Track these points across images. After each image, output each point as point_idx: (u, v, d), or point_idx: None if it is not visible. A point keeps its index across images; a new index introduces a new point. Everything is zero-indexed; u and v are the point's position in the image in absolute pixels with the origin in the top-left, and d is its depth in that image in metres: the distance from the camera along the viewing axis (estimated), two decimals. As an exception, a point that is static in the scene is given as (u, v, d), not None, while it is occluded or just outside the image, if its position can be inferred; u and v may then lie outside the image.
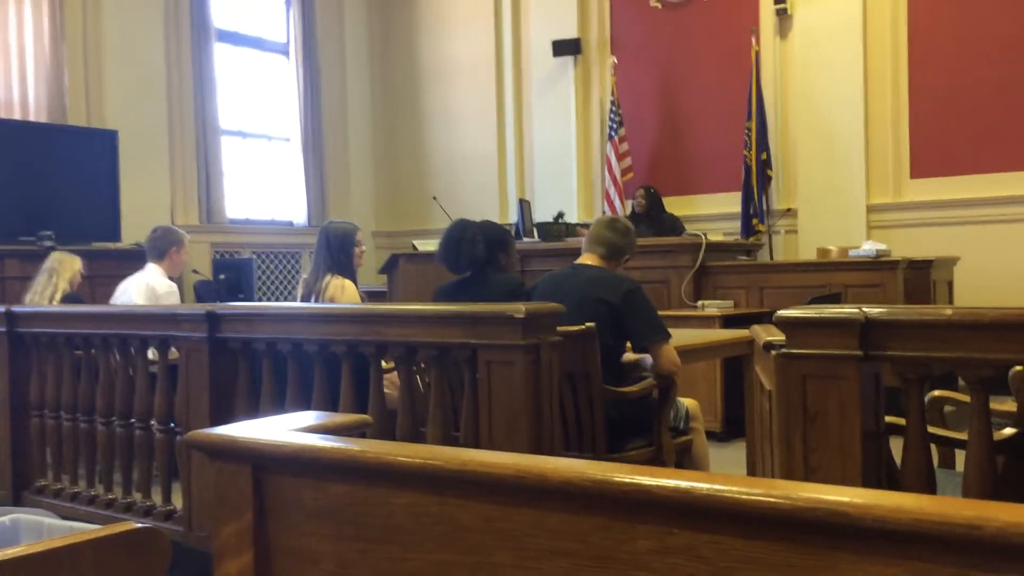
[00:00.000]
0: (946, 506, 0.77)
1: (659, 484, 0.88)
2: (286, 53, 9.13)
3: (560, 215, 7.33)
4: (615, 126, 7.93)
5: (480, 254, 3.58)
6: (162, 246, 4.75)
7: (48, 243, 6.31)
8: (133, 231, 6.79)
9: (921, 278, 5.79)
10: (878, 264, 5.66)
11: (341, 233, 3.96)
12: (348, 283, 3.90)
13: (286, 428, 1.29)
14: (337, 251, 3.91)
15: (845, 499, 0.80)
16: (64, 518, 2.42)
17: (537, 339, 2.47)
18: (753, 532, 0.86)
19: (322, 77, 9.25)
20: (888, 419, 2.08)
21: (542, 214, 7.75)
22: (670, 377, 3.30)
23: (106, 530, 1.86)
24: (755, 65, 7.34)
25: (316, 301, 3.83)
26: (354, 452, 1.13)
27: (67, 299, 4.70)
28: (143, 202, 7.13)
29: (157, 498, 3.49)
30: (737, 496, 0.84)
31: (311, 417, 1.43)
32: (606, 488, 0.92)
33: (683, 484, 0.87)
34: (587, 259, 3.54)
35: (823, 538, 0.83)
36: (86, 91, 7.42)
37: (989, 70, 6.72)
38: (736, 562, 0.88)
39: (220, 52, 8.51)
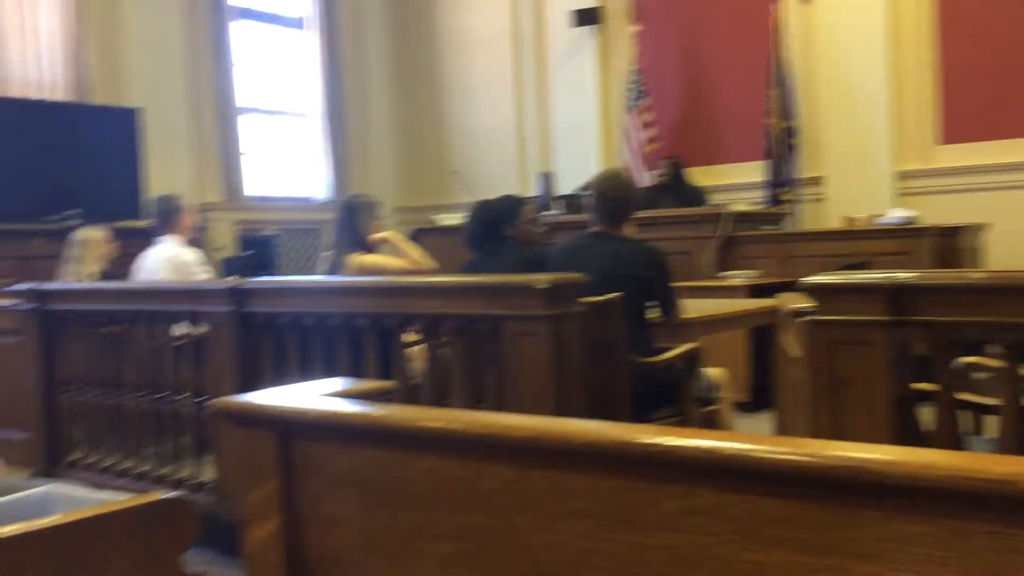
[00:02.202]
0: (979, 462, 0.75)
1: (683, 444, 0.88)
2: (304, 27, 9.11)
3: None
4: (637, 96, 7.85)
5: (475, 232, 3.66)
6: (167, 216, 4.76)
7: (73, 222, 6.37)
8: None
9: (950, 245, 5.71)
10: (906, 232, 5.58)
11: (360, 206, 3.97)
12: (374, 255, 3.93)
13: (311, 394, 1.29)
14: (357, 223, 3.91)
15: (874, 456, 0.79)
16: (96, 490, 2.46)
17: (560, 309, 2.47)
18: (779, 491, 0.85)
19: (341, 51, 9.23)
20: (917, 385, 2.06)
21: (565, 186, 7.71)
22: (696, 347, 3.29)
23: (136, 500, 1.89)
24: (778, 31, 7.23)
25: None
26: (378, 416, 1.13)
27: (106, 277, 4.74)
28: (166, 179, 7.15)
29: (188, 470, 3.53)
30: (763, 455, 0.83)
31: (336, 384, 1.43)
32: (629, 449, 0.91)
33: (706, 444, 0.86)
34: (599, 228, 3.48)
35: (851, 497, 0.82)
36: (108, 70, 7.45)
37: (1019, 32, 6.57)
38: (762, 522, 0.87)
39: (239, 28, 8.51)
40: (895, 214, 5.75)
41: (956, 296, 1.87)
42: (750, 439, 0.86)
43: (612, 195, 3.44)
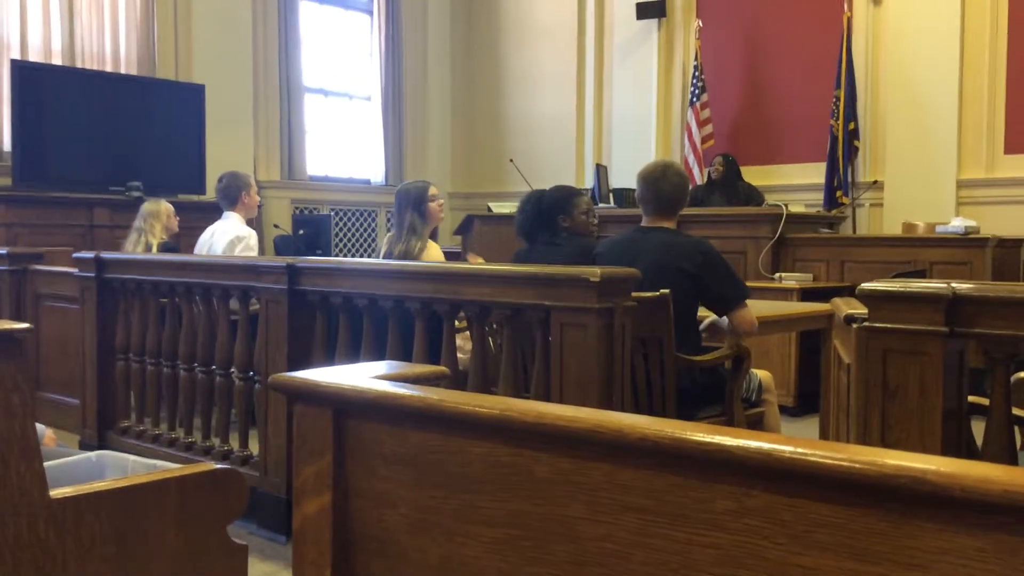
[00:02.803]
0: (1039, 479, 0.75)
1: (739, 444, 0.88)
2: (370, 12, 9.18)
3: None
4: (697, 92, 7.79)
5: (528, 222, 3.66)
6: (232, 193, 4.85)
7: (136, 194, 6.51)
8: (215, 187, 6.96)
9: (1011, 257, 5.59)
10: (966, 241, 5.47)
11: (414, 193, 3.99)
12: (432, 244, 3.95)
13: (366, 375, 1.31)
14: (411, 211, 3.94)
15: (931, 467, 0.79)
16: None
17: (612, 303, 2.47)
18: (834, 497, 0.85)
19: (404, 37, 9.29)
20: (972, 399, 2.02)
21: (619, 180, 7.68)
22: (744, 347, 3.26)
23: (189, 469, 1.93)
24: (846, 31, 7.11)
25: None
26: (433, 401, 1.15)
27: (163, 248, 4.84)
28: (227, 156, 7.28)
29: (235, 443, 3.60)
30: (820, 460, 0.83)
31: (389, 366, 1.45)
32: (684, 446, 0.91)
33: (764, 445, 0.86)
34: (649, 222, 3.44)
35: (906, 507, 0.82)
36: (175, 46, 7.59)
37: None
38: (815, 526, 0.87)
39: (305, 10, 8.60)
40: (956, 223, 5.64)
41: (1015, 310, 1.84)
42: (807, 444, 0.86)
43: (666, 187, 3.37)
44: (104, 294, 4.06)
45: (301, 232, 7.56)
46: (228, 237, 4.73)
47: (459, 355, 3.11)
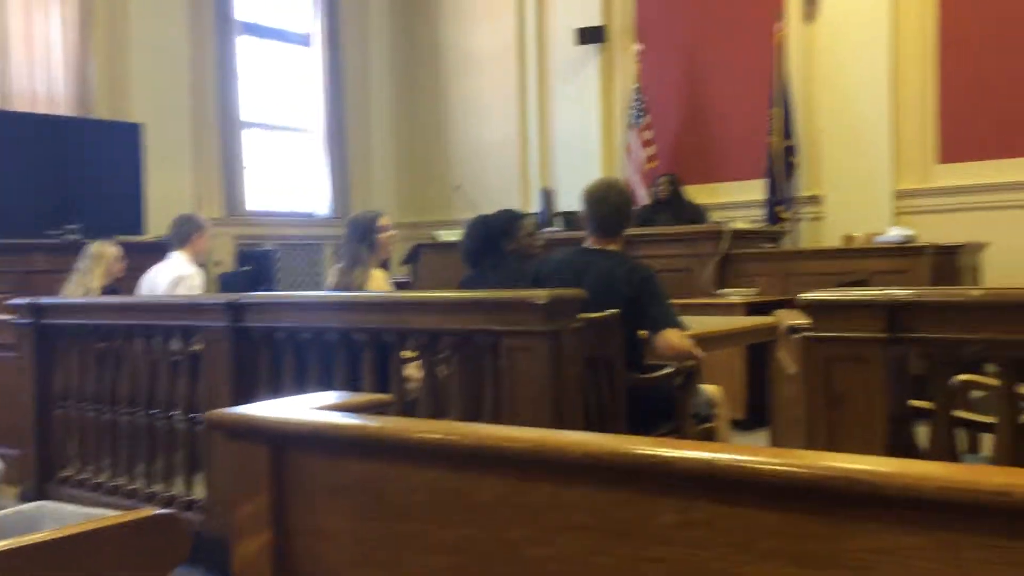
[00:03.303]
0: (974, 474, 0.75)
1: (681, 456, 0.87)
2: (309, 44, 9.16)
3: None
4: (639, 114, 7.88)
5: (473, 247, 3.68)
6: (184, 233, 4.79)
7: (73, 236, 6.37)
8: (157, 224, 6.84)
9: (948, 264, 5.72)
10: (904, 250, 5.59)
11: (363, 223, 3.97)
12: (377, 273, 3.93)
13: (306, 407, 1.29)
14: (357, 242, 3.92)
15: (869, 467, 0.79)
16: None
17: (559, 325, 2.47)
18: (775, 503, 0.85)
19: (345, 68, 9.27)
20: (914, 403, 2.05)
21: (565, 203, 7.73)
22: (694, 364, 3.26)
23: (125, 516, 1.87)
24: (780, 51, 7.27)
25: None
26: (373, 429, 1.12)
27: (106, 291, 4.74)
28: (167, 194, 7.18)
29: (179, 488, 3.51)
30: (759, 466, 0.82)
31: (331, 397, 1.42)
32: (627, 461, 0.90)
33: (705, 455, 0.86)
34: (592, 243, 3.41)
35: (846, 508, 0.82)
36: (111, 84, 7.48)
37: (1019, 53, 6.60)
38: (759, 534, 0.86)
39: (243, 44, 8.55)
40: (894, 233, 5.76)
41: (953, 314, 1.87)
42: (746, 451, 0.85)
43: (609, 208, 3.34)
44: (42, 340, 3.95)
45: (245, 268, 7.47)
46: (171, 276, 4.64)
47: (410, 384, 3.07)
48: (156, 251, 4.95)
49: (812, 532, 0.84)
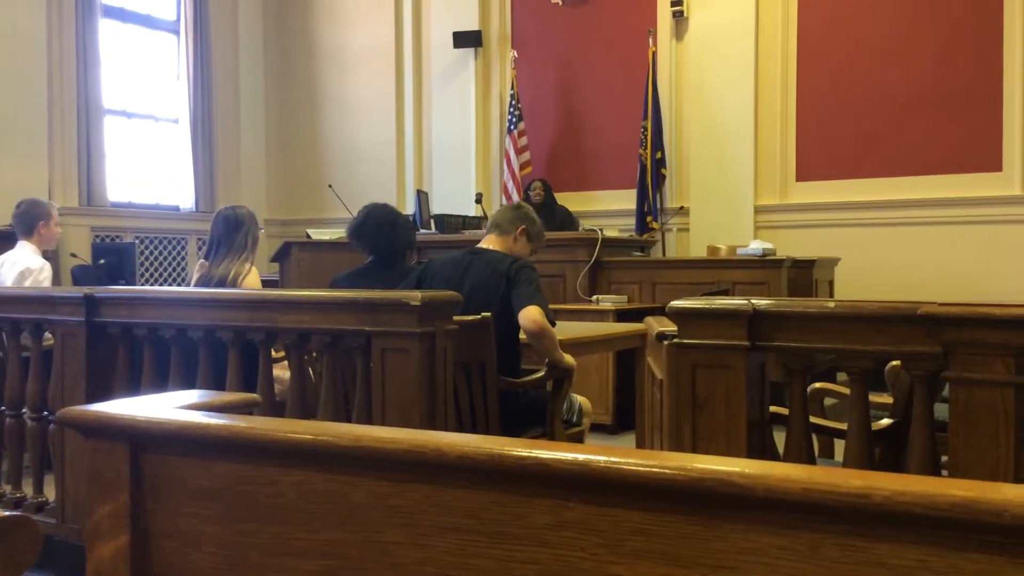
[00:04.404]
0: (835, 476, 0.78)
1: (557, 457, 0.88)
2: (176, 32, 8.82)
3: (479, 196, 7.48)
4: (514, 120, 7.95)
5: (394, 245, 3.62)
6: (29, 221, 4.49)
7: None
8: (7, 212, 6.43)
9: (804, 277, 6.01)
10: (764, 262, 5.84)
11: (247, 216, 3.83)
12: (254, 271, 3.80)
13: (168, 405, 1.23)
14: (243, 236, 3.78)
15: (736, 469, 0.81)
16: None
17: (433, 327, 2.45)
18: (647, 504, 0.87)
19: (213, 58, 8.97)
20: (772, 409, 2.14)
21: (439, 206, 7.71)
22: (566, 369, 3.31)
23: (-30, 519, 1.75)
24: (652, 65, 7.48)
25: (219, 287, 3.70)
26: (240, 428, 1.09)
27: None
28: (19, 181, 6.77)
29: (28, 489, 3.32)
30: (632, 468, 0.84)
31: (195, 396, 1.37)
32: (503, 461, 0.90)
33: (580, 457, 0.87)
34: (485, 243, 3.53)
35: (714, 509, 0.84)
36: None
37: (872, 78, 7.02)
38: (630, 534, 0.88)
39: (106, 28, 8.15)
40: (754, 245, 6.01)
41: (809, 323, 1.96)
42: (620, 452, 0.87)
43: (501, 217, 3.57)
44: None
45: (102, 262, 7.10)
46: (18, 269, 4.37)
47: (277, 386, 3.00)
48: (5, 240, 4.65)
49: (681, 532, 0.86)
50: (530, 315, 3.16)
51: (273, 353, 2.86)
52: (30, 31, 7.34)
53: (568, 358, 3.30)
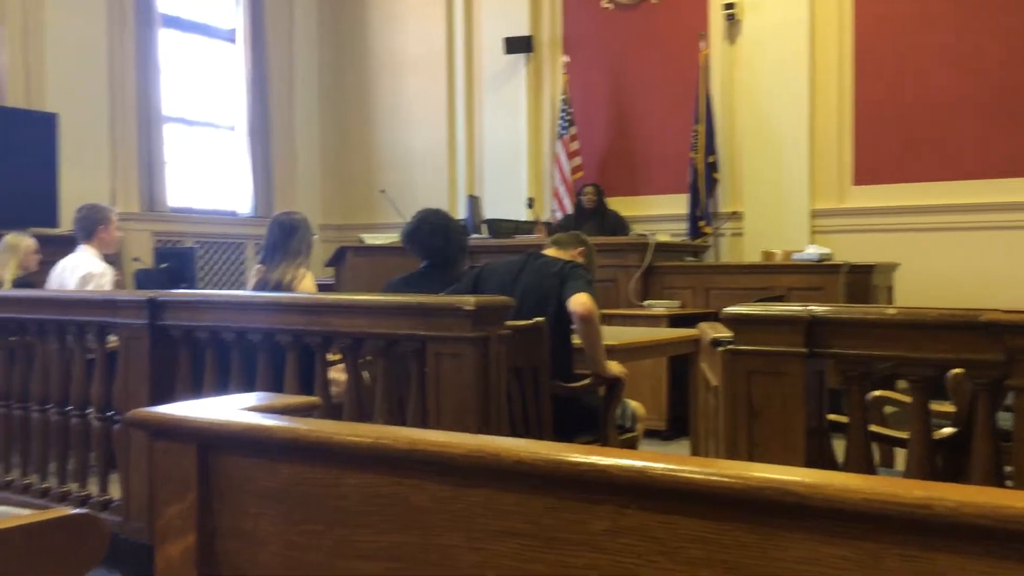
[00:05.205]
0: (897, 486, 0.78)
1: (615, 464, 0.89)
2: (233, 40, 8.99)
3: (531, 201, 7.51)
4: (566, 124, 7.96)
5: (447, 250, 3.64)
6: (89, 226, 4.60)
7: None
8: (72, 217, 6.63)
9: (862, 282, 5.91)
10: (821, 268, 5.76)
11: (302, 222, 3.89)
12: (309, 275, 3.85)
13: (234, 407, 1.26)
14: (298, 241, 3.84)
15: (795, 479, 0.81)
16: (-4, 505, 2.35)
17: (486, 332, 2.47)
18: (705, 512, 0.87)
19: (270, 66, 9.13)
20: (830, 417, 2.12)
21: (491, 210, 7.74)
22: (611, 379, 3.30)
23: (39, 515, 1.81)
24: (704, 68, 7.43)
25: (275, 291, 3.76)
26: (303, 431, 1.11)
27: (19, 284, 4.55)
28: (83, 187, 6.94)
29: (94, 488, 3.41)
30: (691, 476, 0.84)
31: (258, 398, 1.40)
32: (561, 468, 0.91)
33: (638, 464, 0.87)
34: (544, 251, 3.60)
35: (773, 518, 0.84)
36: (26, 73, 7.21)
37: (932, 80, 6.89)
38: (687, 541, 0.88)
39: (165, 38, 8.35)
40: (811, 250, 5.93)
41: (868, 330, 1.93)
42: (678, 460, 0.87)
43: (564, 236, 3.73)
44: (-54, 334, 3.78)
45: (164, 266, 7.27)
46: (80, 273, 4.48)
47: (334, 388, 3.04)
48: (70, 244, 4.78)
49: (739, 541, 0.86)
50: (579, 299, 3.21)
51: (331, 356, 2.91)
52: (91, 42, 7.55)
53: (614, 367, 3.30)
